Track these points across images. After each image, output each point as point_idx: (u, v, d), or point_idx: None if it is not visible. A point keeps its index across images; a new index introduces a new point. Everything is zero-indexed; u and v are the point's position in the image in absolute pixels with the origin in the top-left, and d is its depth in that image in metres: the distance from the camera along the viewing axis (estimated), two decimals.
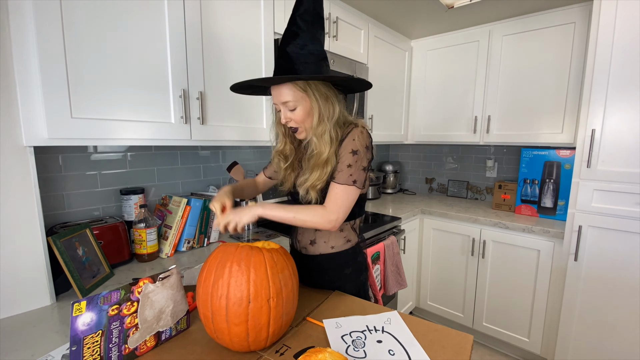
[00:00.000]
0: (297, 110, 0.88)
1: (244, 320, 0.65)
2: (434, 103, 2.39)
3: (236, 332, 0.66)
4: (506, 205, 2.15)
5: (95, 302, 0.62)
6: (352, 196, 0.89)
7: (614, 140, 1.49)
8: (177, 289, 0.76)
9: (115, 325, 0.65)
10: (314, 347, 0.72)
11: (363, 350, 0.72)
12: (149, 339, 0.71)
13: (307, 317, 0.85)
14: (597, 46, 1.48)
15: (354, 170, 0.88)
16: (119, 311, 0.65)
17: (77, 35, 0.88)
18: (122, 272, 1.14)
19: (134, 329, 0.67)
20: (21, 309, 0.89)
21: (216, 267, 0.68)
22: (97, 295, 0.63)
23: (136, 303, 0.68)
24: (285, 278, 0.71)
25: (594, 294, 1.60)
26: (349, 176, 0.88)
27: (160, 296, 0.72)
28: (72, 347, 0.59)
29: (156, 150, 1.42)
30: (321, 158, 0.88)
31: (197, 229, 1.37)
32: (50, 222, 1.13)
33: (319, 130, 0.88)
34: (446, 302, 2.21)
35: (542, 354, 1.83)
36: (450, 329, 0.79)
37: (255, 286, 0.66)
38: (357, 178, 0.88)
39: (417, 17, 2.01)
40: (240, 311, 0.65)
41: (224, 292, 0.65)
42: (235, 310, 0.65)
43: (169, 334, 0.75)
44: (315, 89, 0.86)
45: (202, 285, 0.69)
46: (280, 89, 0.87)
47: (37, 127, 0.85)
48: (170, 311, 0.74)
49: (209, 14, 1.18)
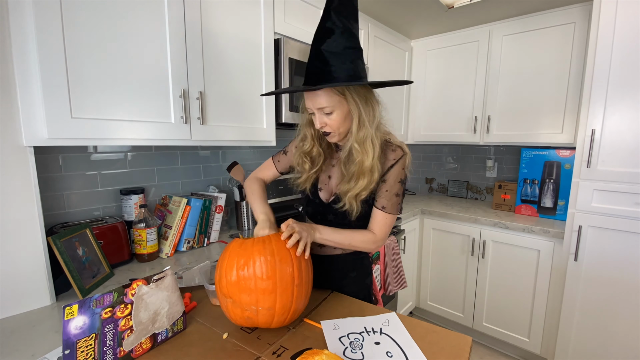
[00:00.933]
0: (334, 115, 0.83)
1: (272, 306, 0.72)
2: (434, 103, 2.39)
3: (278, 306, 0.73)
4: (506, 205, 2.15)
5: (87, 305, 0.61)
6: (393, 223, 0.94)
7: (614, 140, 1.48)
8: (172, 290, 0.76)
9: (109, 329, 0.64)
10: (312, 348, 0.71)
11: (361, 352, 0.71)
12: (145, 341, 0.70)
13: (305, 318, 0.85)
14: (597, 46, 1.48)
15: (401, 200, 0.91)
16: (113, 314, 0.65)
17: (77, 35, 0.88)
18: (122, 272, 1.14)
19: (128, 331, 0.67)
20: (21, 309, 0.89)
21: (245, 264, 0.72)
22: (90, 298, 0.62)
23: (130, 305, 0.67)
24: (307, 265, 0.79)
25: (594, 293, 1.59)
26: (397, 205, 0.91)
27: (154, 298, 0.72)
28: (64, 350, 0.59)
29: (156, 150, 1.42)
30: (365, 165, 0.84)
31: (197, 229, 1.37)
32: (50, 222, 1.13)
33: (361, 136, 0.83)
34: (446, 302, 2.21)
35: (542, 354, 1.83)
36: (449, 331, 0.79)
37: (281, 272, 0.72)
38: (402, 206, 0.93)
39: (417, 17, 2.01)
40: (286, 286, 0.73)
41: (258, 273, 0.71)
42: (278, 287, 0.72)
43: (165, 335, 0.74)
44: (354, 91, 0.82)
45: (237, 281, 0.72)
46: (316, 94, 0.82)
47: (37, 127, 0.85)
48: (166, 313, 0.74)
49: (209, 14, 1.18)
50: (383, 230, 0.91)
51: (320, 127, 0.87)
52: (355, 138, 0.84)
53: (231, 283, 0.72)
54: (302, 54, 1.50)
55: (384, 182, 0.89)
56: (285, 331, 0.79)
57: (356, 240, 0.90)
